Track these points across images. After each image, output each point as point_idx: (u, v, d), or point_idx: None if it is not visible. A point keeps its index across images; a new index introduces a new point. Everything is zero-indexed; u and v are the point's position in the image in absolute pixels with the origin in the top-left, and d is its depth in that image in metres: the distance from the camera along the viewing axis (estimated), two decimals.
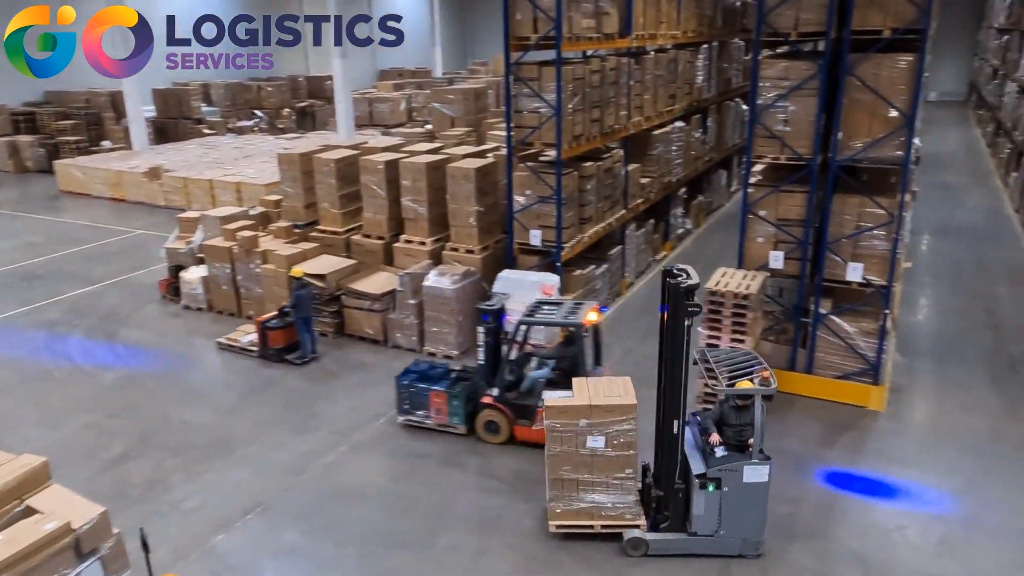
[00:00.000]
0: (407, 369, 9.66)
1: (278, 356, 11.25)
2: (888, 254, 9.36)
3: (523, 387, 9.05)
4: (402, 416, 9.44)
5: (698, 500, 6.96)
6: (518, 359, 9.25)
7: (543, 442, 8.00)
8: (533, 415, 8.76)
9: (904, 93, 8.86)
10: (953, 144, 30.02)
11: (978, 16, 38.96)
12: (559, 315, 8.88)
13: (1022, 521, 7.61)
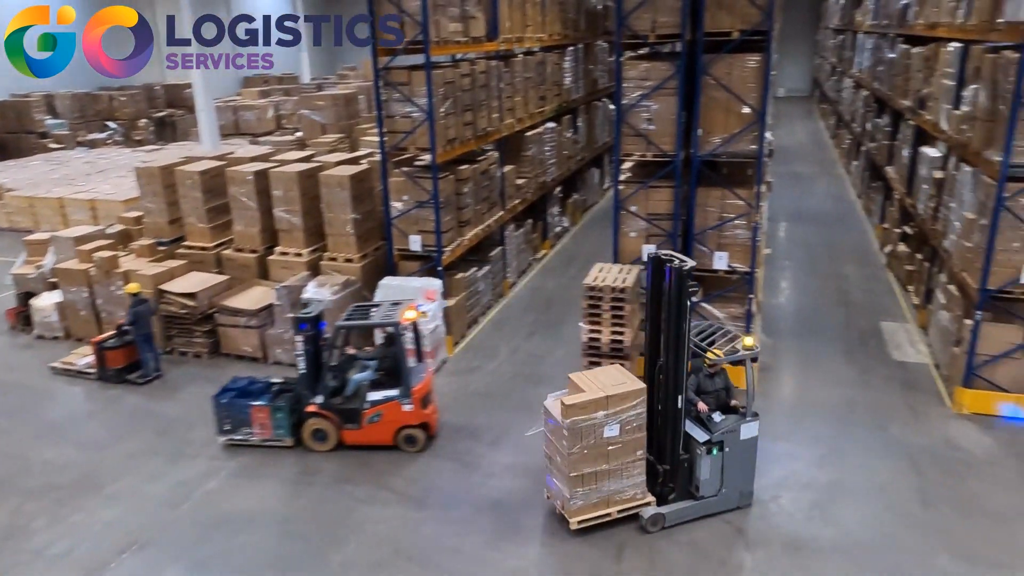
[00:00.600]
0: (224, 387, 9.35)
1: (118, 377, 10.75)
2: (749, 242, 9.96)
3: (347, 391, 9.06)
4: (223, 436, 9.12)
5: (703, 465, 7.41)
6: (340, 364, 9.22)
7: (371, 444, 8.68)
8: (359, 418, 8.87)
9: (755, 90, 9.45)
10: (801, 136, 32.31)
11: (816, 17, 42.12)
12: (377, 316, 8.97)
13: (878, 479, 8.29)
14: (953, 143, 10.96)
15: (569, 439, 7.08)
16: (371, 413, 8.87)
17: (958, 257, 10.13)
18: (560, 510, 7.55)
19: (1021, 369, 9.31)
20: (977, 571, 6.89)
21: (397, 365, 8.93)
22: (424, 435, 9.04)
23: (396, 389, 8.88)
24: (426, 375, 9.25)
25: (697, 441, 7.45)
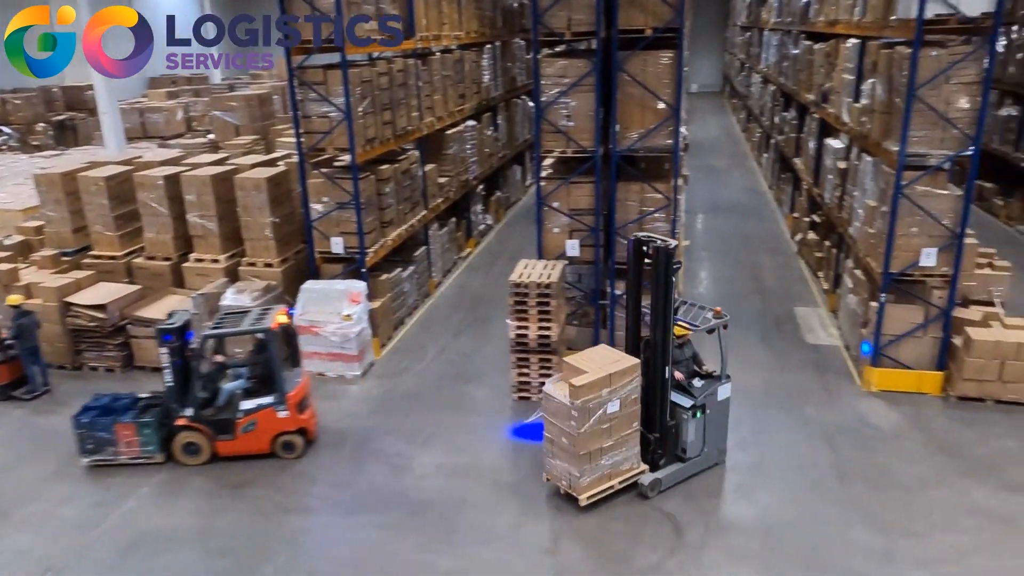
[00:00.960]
0: (86, 406, 8.90)
1: (3, 393, 10.25)
2: (669, 234, 10.19)
3: (219, 401, 8.82)
4: (87, 458, 8.70)
5: (689, 429, 8.02)
6: (210, 373, 8.95)
7: (248, 453, 8.58)
8: (233, 428, 8.65)
9: (669, 86, 9.69)
10: (714, 131, 33.31)
11: (725, 15, 43.51)
12: (246, 323, 8.74)
13: (797, 458, 8.65)
14: (854, 134, 11.51)
15: (579, 419, 7.34)
16: (245, 422, 8.63)
17: (862, 243, 10.65)
18: (567, 489, 7.77)
19: (922, 347, 9.86)
20: (889, 539, 7.27)
21: (270, 372, 8.71)
22: (303, 440, 8.86)
23: (270, 396, 8.68)
24: (302, 380, 9.06)
25: (683, 407, 8.01)
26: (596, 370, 7.48)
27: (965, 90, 9.00)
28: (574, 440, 7.45)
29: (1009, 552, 7.06)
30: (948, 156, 9.22)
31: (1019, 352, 9.30)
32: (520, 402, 10.01)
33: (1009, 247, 15.14)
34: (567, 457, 7.61)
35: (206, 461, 8.71)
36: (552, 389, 7.69)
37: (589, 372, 7.44)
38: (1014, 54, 17.06)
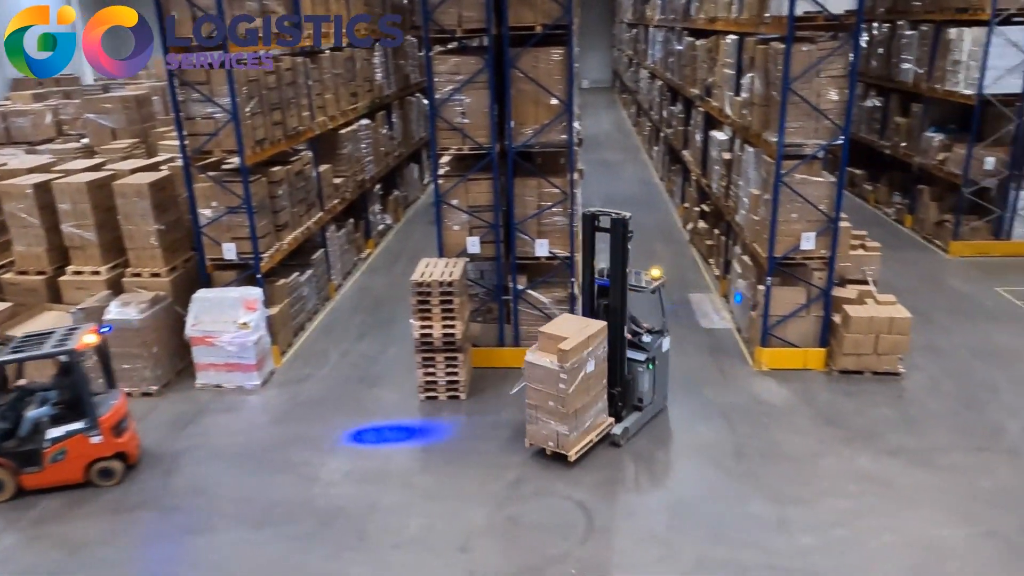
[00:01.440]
0: None
1: None
2: (567, 228, 10.38)
3: (23, 432, 8.15)
4: None
5: (644, 380, 9.02)
6: (11, 402, 8.31)
7: (59, 484, 8.15)
8: (40, 459, 8.07)
9: (560, 82, 9.85)
10: (607, 125, 34.13)
11: (612, 12, 44.61)
12: (48, 345, 8.15)
13: (698, 438, 9.00)
14: (737, 127, 12.07)
15: (568, 380, 8.04)
16: (53, 451, 8.06)
17: (748, 230, 11.18)
18: (554, 450, 8.43)
19: (807, 326, 10.47)
20: (783, 509, 7.68)
21: (78, 395, 8.19)
22: (122, 465, 8.38)
23: (80, 422, 8.17)
24: (118, 401, 8.53)
25: (638, 361, 8.97)
26: (574, 335, 8.17)
27: (834, 83, 9.59)
28: (563, 401, 8.10)
29: (890, 512, 7.60)
30: (821, 145, 9.81)
31: (891, 326, 10.01)
32: (428, 402, 9.96)
33: (878, 228, 16.27)
34: (556, 418, 8.24)
35: (11, 497, 8.04)
36: (535, 358, 8.24)
37: (569, 338, 8.10)
38: (875, 49, 18.32)
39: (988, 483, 8.01)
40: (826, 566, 6.89)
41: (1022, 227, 14.84)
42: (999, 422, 9.12)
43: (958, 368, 10.46)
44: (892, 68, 17.38)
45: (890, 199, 18.16)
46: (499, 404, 9.88)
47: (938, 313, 12.17)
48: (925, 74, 15.80)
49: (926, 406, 9.54)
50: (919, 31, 16.18)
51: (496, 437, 9.14)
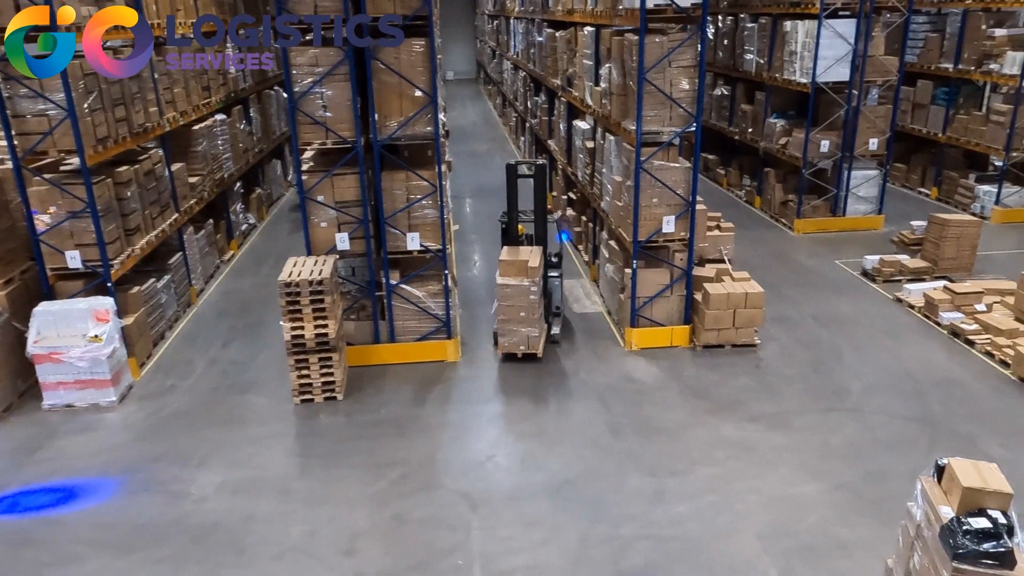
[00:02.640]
0: None
1: None
2: (438, 221, 10.34)
3: None
4: None
5: (557, 292, 11.47)
6: None
7: None
8: None
9: (423, 74, 9.76)
10: (473, 117, 34.26)
11: (474, 3, 44.70)
12: None
13: (576, 420, 9.25)
14: (598, 116, 12.44)
15: (536, 291, 10.27)
16: None
17: (613, 215, 11.58)
18: (525, 351, 10.50)
19: (671, 305, 10.98)
20: (659, 481, 8.05)
21: None
22: None
23: None
24: None
25: (555, 276, 11.31)
26: (531, 258, 10.34)
27: (685, 73, 10.08)
28: (532, 309, 10.27)
29: (753, 475, 8.14)
30: (676, 132, 10.29)
31: (746, 301, 10.69)
32: (303, 405, 9.66)
33: (732, 209, 17.33)
34: (527, 324, 10.37)
35: None
36: (505, 281, 10.27)
37: (528, 259, 10.30)
38: (722, 41, 19.42)
39: (837, 440, 8.73)
40: (699, 531, 7.28)
41: (855, 204, 16.26)
42: (844, 384, 9.95)
43: (807, 336, 11.32)
44: (737, 59, 18.49)
45: (741, 182, 19.35)
46: (379, 401, 9.74)
47: (787, 287, 13.11)
48: (766, 64, 16.92)
49: (781, 373, 10.27)
50: (759, 24, 17.29)
51: (378, 435, 9.01)
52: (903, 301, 12.32)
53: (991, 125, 16.61)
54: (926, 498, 5.37)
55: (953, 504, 5.16)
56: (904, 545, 5.64)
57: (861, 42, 14.94)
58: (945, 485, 5.31)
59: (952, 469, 5.22)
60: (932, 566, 5.12)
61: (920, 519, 5.40)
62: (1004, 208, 16.53)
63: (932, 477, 5.47)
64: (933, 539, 5.13)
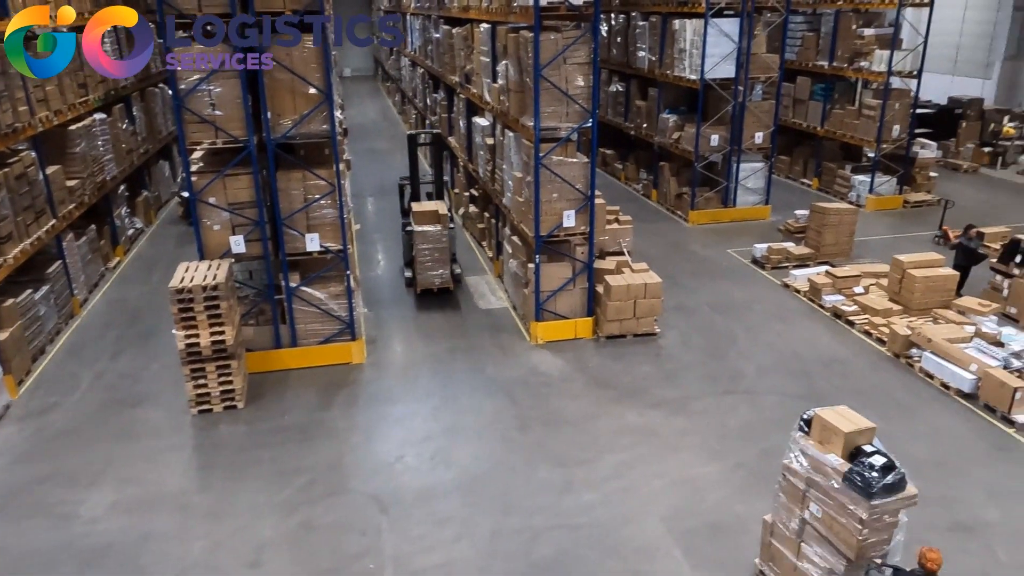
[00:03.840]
0: None
1: None
2: (338, 220, 10.14)
3: None
4: None
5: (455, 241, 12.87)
6: None
7: None
8: None
9: (318, 71, 9.53)
10: (372, 114, 33.75)
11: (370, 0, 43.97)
12: None
13: (484, 416, 9.29)
14: (496, 112, 12.51)
15: (446, 235, 12.19)
16: None
17: (515, 211, 11.68)
18: (440, 286, 12.45)
19: (574, 298, 11.19)
20: (567, 471, 8.20)
21: None
22: None
23: None
24: None
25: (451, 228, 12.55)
26: (439, 208, 12.39)
27: (580, 70, 10.27)
28: (444, 251, 12.25)
29: (657, 459, 8.41)
30: (573, 128, 10.47)
31: (646, 291, 11.01)
32: (201, 416, 9.28)
33: (630, 203, 17.80)
34: (440, 265, 12.33)
35: None
36: (423, 229, 12.08)
37: (437, 209, 12.34)
38: (615, 38, 19.89)
39: (733, 421, 9.14)
40: (608, 517, 7.46)
41: (744, 195, 17.03)
42: (738, 367, 10.42)
43: (703, 323, 11.78)
44: (630, 56, 18.99)
45: (638, 176, 19.90)
46: (282, 408, 9.48)
47: (684, 276, 13.61)
48: (657, 61, 17.45)
49: (680, 360, 10.65)
50: (649, 22, 17.82)
51: (282, 442, 8.77)
52: (790, 286, 13.02)
53: (863, 119, 17.76)
54: (807, 452, 5.80)
55: (836, 451, 5.65)
56: (790, 499, 6.04)
57: (744, 40, 15.64)
58: (819, 436, 5.78)
59: (821, 419, 5.75)
60: (841, 512, 5.55)
61: (804, 472, 5.82)
62: (877, 196, 17.72)
63: (801, 432, 5.93)
64: (838, 487, 5.53)
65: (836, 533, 5.66)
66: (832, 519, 5.66)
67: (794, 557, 6.09)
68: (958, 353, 9.77)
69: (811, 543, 5.93)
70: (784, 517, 6.15)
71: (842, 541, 5.61)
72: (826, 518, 5.72)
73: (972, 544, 7.04)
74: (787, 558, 6.16)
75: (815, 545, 5.89)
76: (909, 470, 5.73)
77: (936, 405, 9.44)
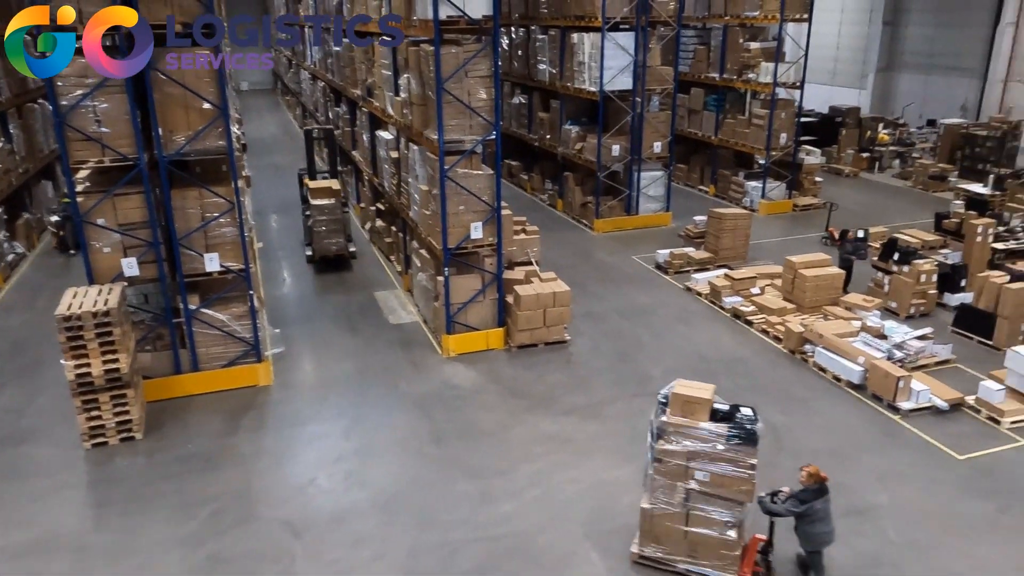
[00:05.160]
0: None
1: None
2: (238, 239, 9.81)
3: None
4: None
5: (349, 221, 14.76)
6: None
7: None
8: None
9: (211, 85, 9.22)
10: (273, 128, 32.91)
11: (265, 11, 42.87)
12: None
13: (398, 432, 9.18)
14: (400, 126, 12.44)
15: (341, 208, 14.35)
16: None
17: (422, 224, 11.63)
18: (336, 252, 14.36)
19: (485, 309, 11.23)
20: (485, 482, 8.19)
21: None
22: None
23: None
24: None
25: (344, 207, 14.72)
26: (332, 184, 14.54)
27: (482, 83, 10.35)
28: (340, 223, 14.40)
29: (572, 465, 8.52)
30: (478, 140, 10.54)
31: (555, 300, 11.17)
32: (96, 450, 8.76)
33: (536, 213, 18.04)
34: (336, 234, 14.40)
35: None
36: (318, 202, 14.00)
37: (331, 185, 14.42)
38: (516, 51, 20.16)
39: (644, 424, 9.25)
40: (526, 526, 7.50)
41: (646, 203, 17.55)
42: (646, 370, 10.70)
43: (612, 329, 12.05)
44: (531, 68, 19.28)
45: (543, 186, 20.19)
46: (185, 436, 9.08)
47: (591, 283, 13.88)
48: (558, 74, 17.79)
49: (591, 366, 10.84)
50: (549, 36, 18.15)
51: (185, 472, 8.38)
52: (692, 290, 13.49)
53: (753, 128, 18.65)
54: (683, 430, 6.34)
55: (703, 418, 6.30)
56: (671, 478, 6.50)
57: (640, 53, 16.16)
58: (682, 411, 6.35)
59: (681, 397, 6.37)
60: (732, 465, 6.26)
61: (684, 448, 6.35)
62: (769, 201, 18.62)
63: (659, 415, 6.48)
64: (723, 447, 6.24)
65: (727, 487, 6.33)
66: (722, 476, 6.29)
67: (683, 525, 6.58)
68: (847, 347, 10.36)
69: (702, 506, 6.48)
70: (666, 496, 6.56)
71: (736, 492, 6.32)
72: (715, 479, 6.32)
73: (865, 526, 7.46)
74: (676, 530, 6.63)
75: (711, 506, 6.47)
76: (808, 460, 6.04)
77: (829, 397, 9.97)
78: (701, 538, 6.57)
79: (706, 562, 6.64)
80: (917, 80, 27.34)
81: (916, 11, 27.16)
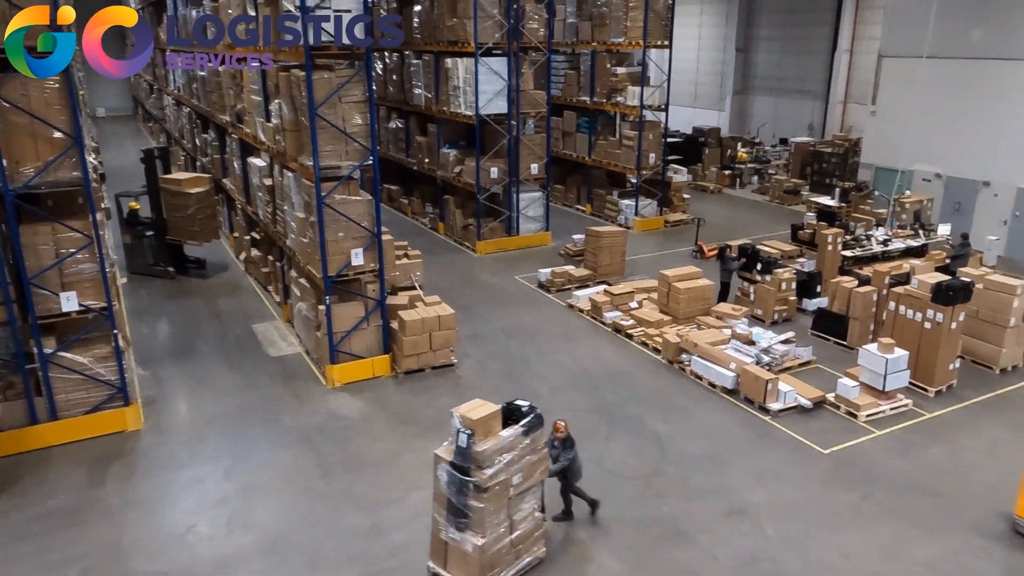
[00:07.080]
0: None
1: None
2: (99, 275, 9.19)
3: None
4: None
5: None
6: None
7: None
8: None
9: (63, 112, 8.65)
10: (135, 157, 31.03)
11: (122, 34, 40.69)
12: None
13: (283, 469, 8.82)
14: (273, 152, 12.10)
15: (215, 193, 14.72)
16: None
17: (301, 253, 11.33)
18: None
19: (369, 336, 11.04)
20: (376, 514, 8.02)
21: None
22: None
23: None
24: None
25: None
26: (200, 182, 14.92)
27: (357, 108, 10.25)
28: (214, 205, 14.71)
29: None
30: (355, 166, 10.41)
31: (440, 323, 11.15)
32: None
33: (418, 237, 17.99)
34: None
35: None
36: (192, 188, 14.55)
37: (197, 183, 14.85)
38: (391, 76, 20.11)
39: None
40: (420, 556, 7.36)
41: (526, 224, 17.88)
42: (534, 388, 10.84)
43: (498, 349, 12.14)
44: (407, 93, 19.29)
45: (424, 210, 20.17)
46: (43, 492, 8.35)
47: (476, 305, 13.95)
48: (434, 98, 17.90)
49: (478, 388, 10.85)
50: (423, 60, 18.25)
51: (46, 531, 7.71)
52: (574, 307, 13.83)
53: (624, 148, 19.44)
54: (498, 451, 6.60)
55: (499, 427, 6.73)
56: (498, 499, 6.71)
57: (514, 78, 16.52)
58: (484, 432, 6.63)
59: (476, 422, 6.56)
60: (534, 453, 6.88)
61: (504, 465, 6.64)
62: (642, 218, 19.42)
63: (452, 443, 6.76)
64: (525, 443, 6.76)
65: (534, 471, 6.91)
66: (531, 465, 6.85)
67: (510, 533, 6.89)
68: (719, 354, 10.93)
69: (520, 504, 6.92)
70: (494, 520, 6.73)
71: (540, 472, 7.00)
72: (527, 472, 6.82)
73: (745, 524, 7.85)
74: (505, 546, 6.86)
75: (524, 502, 6.95)
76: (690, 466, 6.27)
77: (707, 403, 10.46)
78: (522, 536, 6.98)
79: (527, 554, 7.10)
80: (769, 102, 29.45)
81: (764, 39, 29.33)
